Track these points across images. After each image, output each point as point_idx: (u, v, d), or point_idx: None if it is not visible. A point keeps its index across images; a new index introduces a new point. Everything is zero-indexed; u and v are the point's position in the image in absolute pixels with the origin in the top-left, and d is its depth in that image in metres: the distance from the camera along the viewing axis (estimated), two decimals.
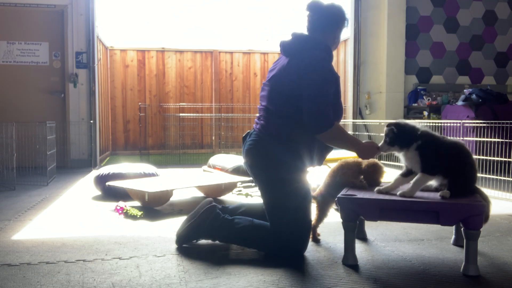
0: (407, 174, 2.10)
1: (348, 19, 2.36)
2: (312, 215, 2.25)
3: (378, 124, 5.90)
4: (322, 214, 2.36)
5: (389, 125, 2.10)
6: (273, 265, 2.03)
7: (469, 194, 2.02)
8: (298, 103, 2.13)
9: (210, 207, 2.24)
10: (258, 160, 2.22)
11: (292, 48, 2.24)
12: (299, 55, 2.20)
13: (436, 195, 2.00)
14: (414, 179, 2.04)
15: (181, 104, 7.81)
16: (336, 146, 2.25)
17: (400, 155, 2.12)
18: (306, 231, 2.16)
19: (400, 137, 2.05)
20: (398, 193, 2.05)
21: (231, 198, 3.67)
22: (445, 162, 2.01)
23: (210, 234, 2.25)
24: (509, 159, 3.73)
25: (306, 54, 2.17)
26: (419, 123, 2.13)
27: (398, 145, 2.06)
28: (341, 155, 3.77)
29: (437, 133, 2.12)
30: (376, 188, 2.12)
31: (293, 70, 2.17)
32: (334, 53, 7.70)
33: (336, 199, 2.11)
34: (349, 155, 3.60)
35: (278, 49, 2.53)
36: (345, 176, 2.29)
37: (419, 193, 2.07)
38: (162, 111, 7.91)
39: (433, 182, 2.14)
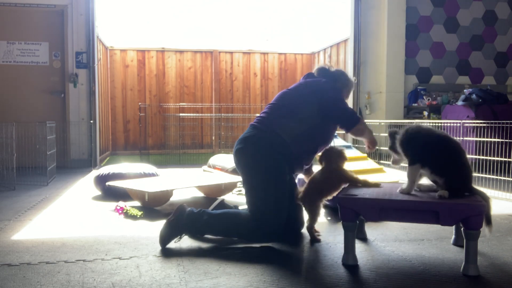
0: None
1: (353, 84, 2.82)
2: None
3: (378, 124, 5.90)
4: (312, 213, 2.35)
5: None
6: (273, 265, 2.03)
7: (467, 190, 2.02)
8: (301, 105, 2.45)
9: (181, 205, 2.40)
10: (247, 150, 2.42)
11: (312, 75, 2.69)
12: (317, 78, 2.65)
13: (436, 195, 2.00)
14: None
15: (181, 104, 7.81)
16: (360, 138, 2.58)
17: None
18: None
19: (391, 142, 2.20)
20: (397, 190, 2.08)
21: (231, 198, 3.67)
22: (430, 151, 2.04)
23: (190, 228, 2.35)
24: (509, 159, 3.73)
25: (324, 80, 2.60)
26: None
27: (394, 152, 2.20)
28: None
29: (426, 127, 2.15)
30: (399, 189, 2.11)
31: (311, 83, 2.57)
32: (334, 52, 7.74)
33: (322, 196, 2.25)
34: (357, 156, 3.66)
35: (278, 49, 2.75)
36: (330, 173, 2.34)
37: (419, 193, 2.08)
38: (162, 111, 7.91)
39: (431, 182, 2.15)
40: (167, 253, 2.20)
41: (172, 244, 2.34)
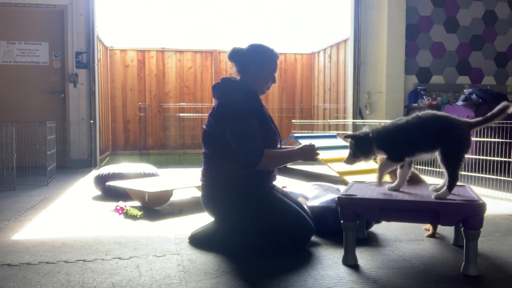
0: (403, 165, 2.16)
1: (276, 55, 2.50)
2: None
3: (378, 124, 5.89)
4: None
5: (346, 136, 2.21)
6: (273, 265, 2.03)
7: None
8: (225, 143, 2.26)
9: None
10: (221, 211, 2.36)
11: (218, 91, 2.41)
12: (221, 98, 2.36)
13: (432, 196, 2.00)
14: (398, 172, 2.15)
15: (181, 104, 7.81)
16: (279, 167, 2.41)
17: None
18: (304, 219, 2.27)
19: (360, 147, 2.13)
20: (386, 187, 2.15)
21: None
22: (416, 141, 2.05)
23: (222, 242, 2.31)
24: (509, 159, 3.73)
25: (226, 96, 2.34)
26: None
27: (362, 156, 2.15)
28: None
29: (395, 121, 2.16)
30: (387, 186, 2.17)
31: (217, 112, 2.32)
32: (334, 52, 7.73)
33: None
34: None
35: (278, 49, 2.66)
36: None
37: (419, 193, 2.08)
38: (162, 111, 7.91)
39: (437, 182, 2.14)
40: (167, 253, 2.20)
41: (172, 244, 2.34)
